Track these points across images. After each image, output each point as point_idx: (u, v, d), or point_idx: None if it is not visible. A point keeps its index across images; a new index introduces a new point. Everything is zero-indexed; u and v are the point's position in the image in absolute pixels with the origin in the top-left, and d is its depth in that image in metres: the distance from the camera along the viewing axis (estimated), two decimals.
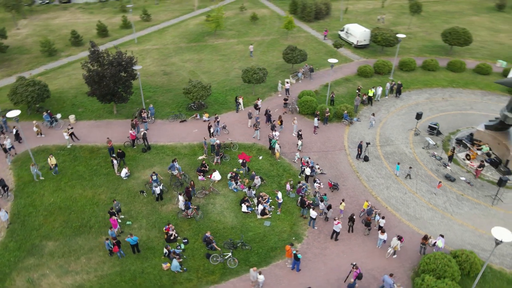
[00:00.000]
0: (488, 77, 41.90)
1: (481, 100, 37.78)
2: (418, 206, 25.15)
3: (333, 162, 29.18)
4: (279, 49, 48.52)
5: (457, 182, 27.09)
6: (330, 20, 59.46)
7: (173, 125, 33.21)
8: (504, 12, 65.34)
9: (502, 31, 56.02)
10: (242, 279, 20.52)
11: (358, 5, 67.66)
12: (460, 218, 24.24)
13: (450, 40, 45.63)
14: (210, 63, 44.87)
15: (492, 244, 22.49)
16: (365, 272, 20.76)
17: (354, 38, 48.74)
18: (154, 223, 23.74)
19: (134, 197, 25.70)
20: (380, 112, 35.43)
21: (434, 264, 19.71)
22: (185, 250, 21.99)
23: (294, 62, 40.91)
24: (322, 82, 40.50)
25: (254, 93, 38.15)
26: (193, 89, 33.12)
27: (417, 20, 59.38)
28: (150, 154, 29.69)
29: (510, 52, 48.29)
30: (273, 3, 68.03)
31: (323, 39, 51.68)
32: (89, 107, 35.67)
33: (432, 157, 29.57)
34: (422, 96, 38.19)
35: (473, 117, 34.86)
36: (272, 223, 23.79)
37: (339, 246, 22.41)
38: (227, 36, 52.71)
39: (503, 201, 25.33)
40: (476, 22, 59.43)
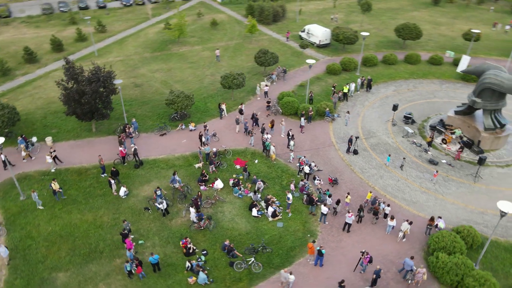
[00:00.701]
0: (441, 67, 45.83)
1: (441, 88, 41.28)
2: (412, 191, 27.11)
3: (326, 158, 30.39)
4: (246, 53, 49.18)
5: (440, 165, 29.54)
6: (287, 22, 61.15)
7: (160, 138, 32.47)
8: (439, 6, 71.46)
9: (442, 24, 61.29)
10: (270, 281, 20.87)
11: (309, 6, 70.22)
12: (451, 198, 26.53)
13: (404, 35, 49.20)
14: (181, 72, 44.28)
15: (483, 217, 25.01)
16: (381, 258, 22.11)
17: (316, 38, 50.70)
18: (167, 239, 23.23)
19: (138, 215, 24.90)
20: (356, 107, 37.38)
21: (443, 242, 21.50)
22: (207, 261, 21.83)
23: (267, 65, 41.72)
24: (295, 83, 41.77)
25: (233, 98, 38.40)
26: (177, 99, 32.63)
27: (366, 18, 63.03)
28: (144, 170, 28.85)
29: (453, 43, 53.04)
30: (228, 8, 68.40)
31: (285, 41, 53.10)
32: (64, 127, 33.72)
33: (412, 145, 31.91)
34: (389, 89, 40.86)
35: (438, 104, 38.02)
36: (285, 224, 24.36)
37: (352, 237, 23.54)
38: (191, 43, 52.22)
39: (482, 178, 28.10)
40: (418, 17, 64.40)
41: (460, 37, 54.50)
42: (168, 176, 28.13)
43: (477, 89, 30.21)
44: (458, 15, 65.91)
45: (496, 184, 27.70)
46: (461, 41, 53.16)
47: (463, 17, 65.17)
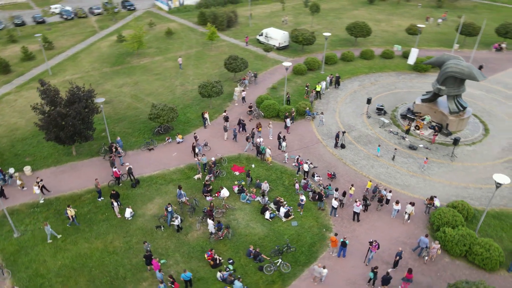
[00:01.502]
0: (393, 60, 49.74)
1: (398, 80, 44.90)
2: (402, 176, 29.43)
3: (318, 155, 31.76)
4: (209, 61, 49.20)
5: (419, 150, 32.34)
6: (241, 27, 62.05)
7: (149, 154, 31.56)
8: (374, 4, 77.09)
9: (381, 21, 66.26)
10: (301, 279, 21.55)
11: (257, 10, 71.78)
12: (436, 178, 29.26)
13: (355, 33, 52.59)
14: (149, 84, 43.12)
15: (467, 191, 27.97)
16: (394, 240, 23.88)
17: (275, 40, 52.24)
18: (189, 254, 22.87)
19: (151, 234, 24.15)
20: (330, 104, 39.36)
21: (446, 218, 23.81)
22: (236, 269, 21.92)
23: (238, 71, 42.22)
24: (267, 86, 42.82)
25: (212, 106, 38.39)
26: (162, 113, 31.92)
27: (314, 18, 66.11)
28: (142, 188, 27.92)
29: (396, 37, 57.72)
30: (177, 16, 67.54)
31: (245, 46, 53.96)
32: (38, 154, 31.39)
33: (390, 133, 34.51)
34: (354, 84, 43.54)
35: (400, 94, 41.35)
36: (299, 222, 25.18)
37: (363, 226, 25.04)
38: (150, 55, 50.92)
39: (457, 157, 31.34)
40: (359, 15, 69.00)
41: (401, 31, 59.63)
42: (169, 191, 27.58)
43: (440, 78, 33.54)
44: (393, 12, 71.70)
45: (469, 160, 31.07)
46: (403, 35, 58.09)
47: (397, 13, 71.01)
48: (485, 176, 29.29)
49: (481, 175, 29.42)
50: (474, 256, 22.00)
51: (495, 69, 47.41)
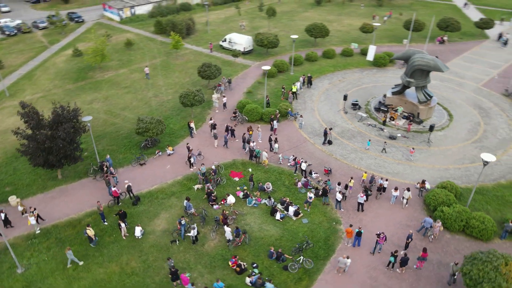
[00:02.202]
0: (353, 57, 52.63)
1: (363, 76, 47.69)
2: (390, 165, 31.54)
3: (308, 153, 32.93)
4: (178, 70, 48.61)
5: (398, 139, 34.78)
6: (199, 34, 61.81)
7: (141, 169, 30.66)
8: (321, 6, 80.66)
9: (332, 21, 69.58)
10: (325, 272, 22.44)
11: (211, 16, 71.77)
12: (420, 163, 31.75)
13: (315, 34, 54.88)
14: (120, 98, 41.65)
15: (449, 172, 30.68)
16: (398, 224, 25.66)
17: (239, 45, 52.87)
18: (211, 264, 22.77)
19: (167, 250, 23.66)
20: (307, 103, 40.83)
21: (440, 198, 26.06)
22: (262, 272, 22.25)
23: (213, 78, 42.24)
24: (242, 90, 43.35)
25: (193, 115, 38.10)
26: (150, 126, 31.16)
27: (269, 22, 67.70)
28: (144, 204, 27.14)
29: (350, 36, 61.05)
30: (131, 26, 65.51)
31: (209, 52, 53.94)
32: (19, 182, 29.21)
33: (369, 126, 36.71)
34: (324, 83, 45.53)
35: (368, 89, 44.00)
36: (308, 219, 26.07)
37: (367, 215, 26.54)
38: (113, 68, 49.06)
39: (432, 142, 34.21)
40: (310, 17, 71.90)
41: (353, 30, 63.24)
42: (173, 204, 27.14)
43: (408, 71, 36.35)
44: (341, 12, 75.60)
45: (443, 144, 34.07)
46: (356, 33, 61.65)
47: (344, 13, 75.00)
48: (460, 157, 32.35)
49: (456, 157, 32.43)
50: (472, 229, 24.38)
51: (441, 60, 52.04)
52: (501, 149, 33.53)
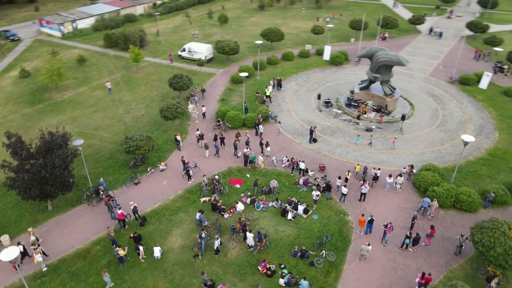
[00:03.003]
0: (310, 58, 55.15)
1: (325, 75, 50.26)
2: (374, 155, 33.92)
3: (297, 153, 34.16)
4: (142, 83, 47.26)
5: (374, 131, 37.45)
6: (153, 45, 60.37)
7: (137, 189, 29.59)
8: (265, 10, 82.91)
9: (279, 25, 71.76)
10: (349, 262, 23.73)
11: (160, 26, 70.29)
12: (399, 150, 34.58)
13: (271, 38, 56.59)
14: (90, 118, 39.50)
15: (425, 155, 33.82)
16: (398, 208, 27.88)
17: (200, 54, 52.76)
18: (240, 273, 22.90)
19: (191, 266, 23.33)
20: (282, 106, 42.13)
21: (429, 180, 28.77)
22: (291, 272, 22.91)
23: (186, 88, 41.78)
24: (215, 99, 43.47)
25: (174, 127, 37.46)
26: (141, 143, 30.17)
27: (220, 29, 68.20)
28: (152, 224, 26.34)
29: (301, 38, 63.75)
30: (76, 41, 61.82)
31: (170, 63, 53.05)
32: (3, 219, 26.76)
33: (345, 122, 39.01)
34: (292, 84, 47.23)
35: (333, 86, 46.48)
36: (318, 215, 27.26)
37: (369, 204, 28.39)
38: (71, 86, 46.19)
39: (404, 130, 37.38)
40: (258, 22, 73.77)
41: (302, 32, 66.20)
42: (182, 219, 26.72)
43: (374, 68, 39.29)
44: (285, 16, 78.44)
45: (413, 131, 37.39)
46: (305, 35, 64.61)
47: (289, 17, 77.96)
48: (431, 141, 35.82)
49: (428, 141, 35.83)
50: (461, 203, 27.33)
51: None
52: (461, 130, 37.70)
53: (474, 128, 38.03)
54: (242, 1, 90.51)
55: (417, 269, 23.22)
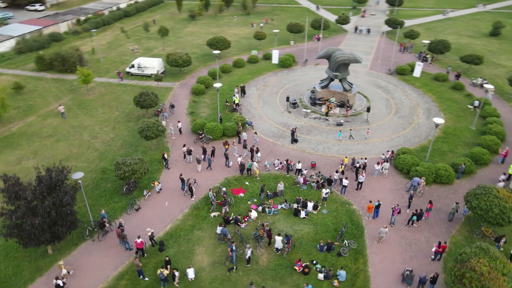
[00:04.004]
0: (260, 63, 56.87)
1: (279, 77, 52.33)
2: (352, 146, 36.71)
3: (283, 154, 35.44)
4: (97, 105, 44.50)
5: (344, 125, 40.39)
6: (92, 63, 56.73)
7: (139, 214, 28.26)
8: (197, 20, 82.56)
9: (217, 33, 72.22)
10: (370, 246, 25.71)
11: (91, 44, 66.10)
12: (371, 139, 37.90)
13: (219, 46, 57.12)
14: (54, 149, 36.20)
15: (395, 140, 37.62)
16: (391, 191, 30.83)
17: (152, 69, 51.24)
18: (278, 277, 23.48)
19: (229, 280, 23.27)
20: (251, 111, 43.06)
21: (410, 162, 32.24)
22: (325, 266, 24.12)
23: (154, 105, 40.44)
24: (183, 112, 42.81)
25: (153, 147, 36.18)
26: (136, 167, 28.79)
27: (157, 42, 66.55)
28: (172, 247, 25.51)
29: (243, 44, 65.23)
30: (3, 67, 55.24)
31: (120, 81, 50.55)
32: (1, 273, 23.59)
33: (315, 119, 41.39)
34: (253, 90, 48.38)
35: (291, 88, 48.71)
36: (326, 209, 28.90)
37: (365, 191, 30.82)
38: (15, 118, 41.57)
39: (369, 120, 40.98)
40: (196, 32, 73.51)
41: (242, 39, 67.78)
42: (201, 237, 26.36)
43: (333, 67, 42.33)
44: (219, 24, 79.14)
45: (376, 121, 41.18)
46: (246, 41, 66.30)
47: (223, 25, 78.86)
48: (394, 128, 39.87)
49: (391, 128, 39.81)
50: (441, 178, 31.20)
51: None
52: (414, 114, 42.58)
53: (423, 111, 43.21)
54: (169, 12, 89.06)
55: (426, 241, 26.15)
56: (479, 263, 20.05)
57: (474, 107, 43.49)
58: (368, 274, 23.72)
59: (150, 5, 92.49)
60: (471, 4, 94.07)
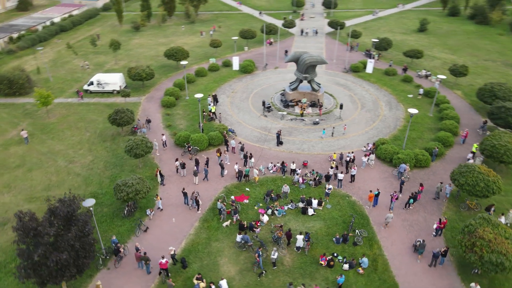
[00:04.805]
0: (222, 71, 57.11)
1: (244, 83, 53.13)
2: (334, 142, 38.82)
3: (273, 157, 36.34)
4: (65, 128, 41.83)
5: (320, 123, 42.45)
6: (41, 84, 52.59)
7: (149, 235, 27.39)
8: (141, 31, 79.92)
9: (167, 43, 70.98)
10: (378, 232, 27.65)
11: (31, 62, 61.11)
12: (349, 134, 40.36)
13: (178, 57, 56.36)
14: (29, 180, 33.39)
15: (368, 132, 40.51)
16: (380, 179, 33.32)
17: (114, 85, 49.17)
18: (306, 273, 24.39)
19: (261, 285, 23.65)
20: (229, 119, 43.36)
21: (390, 151, 35.10)
22: (345, 256, 25.52)
23: (131, 122, 38.97)
24: (159, 126, 41.84)
25: (141, 165, 34.98)
26: (139, 187, 27.75)
27: (106, 56, 63.70)
28: (194, 263, 25.21)
29: (197, 53, 64.83)
30: None
31: (80, 100, 47.69)
32: None
33: (292, 121, 42.95)
34: (223, 97, 48.57)
35: (260, 92, 49.84)
36: (330, 204, 30.42)
37: (359, 183, 32.85)
38: None
39: (342, 116, 43.55)
40: (144, 43, 71.45)
41: (195, 48, 67.54)
42: (220, 248, 26.37)
43: (303, 69, 44.26)
44: (166, 34, 77.41)
45: (348, 116, 43.89)
46: (200, 50, 66.19)
47: (170, 34, 77.37)
48: (365, 121, 42.88)
49: (363, 122, 42.77)
50: (420, 162, 34.42)
51: (278, 55, 63.21)
52: (378, 108, 46.12)
53: (385, 104, 47.00)
54: (109, 25, 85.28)
55: (424, 220, 28.85)
56: (485, 231, 22.85)
57: (420, 95, 48.38)
58: (385, 257, 25.61)
59: (87, 17, 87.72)
60: (393, 4, 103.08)
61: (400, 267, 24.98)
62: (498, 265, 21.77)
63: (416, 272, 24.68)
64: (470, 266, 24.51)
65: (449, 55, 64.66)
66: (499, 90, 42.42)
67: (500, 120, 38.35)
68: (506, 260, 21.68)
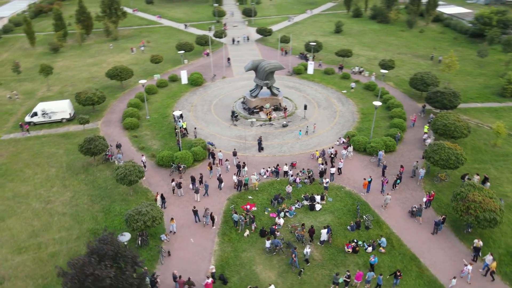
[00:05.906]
0: (171, 86, 55.96)
1: (198, 95, 53.02)
2: (309, 141, 41.42)
3: (259, 162, 37.53)
4: (25, 167, 37.60)
5: (289, 126, 44.72)
6: None
7: (172, 259, 26.52)
8: (62, 52, 73.55)
9: (97, 63, 66.85)
10: (382, 214, 30.78)
11: None
12: (319, 131, 43.34)
13: (123, 76, 53.76)
14: (9, 230, 29.52)
15: (336, 128, 44.12)
16: (361, 167, 36.84)
17: (63, 113, 45.35)
18: (337, 262, 26.32)
19: (304, 283, 24.83)
20: (200, 132, 43.14)
21: (362, 142, 38.95)
22: (364, 240, 28.01)
23: (105, 149, 36.56)
24: (131, 150, 39.96)
25: (132, 192, 33.26)
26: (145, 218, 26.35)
27: (34, 84, 57.85)
28: (232, 277, 25.35)
29: (138, 70, 61.99)
30: None
31: (26, 134, 42.87)
32: None
33: (261, 126, 44.52)
34: (184, 112, 47.87)
35: (219, 101, 50.39)
36: (331, 197, 32.79)
37: (346, 174, 35.75)
38: None
39: (306, 116, 46.47)
40: (71, 66, 66.18)
41: (132, 65, 64.82)
42: (251, 257, 26.97)
43: (263, 76, 46.10)
44: (92, 54, 72.52)
45: (310, 116, 46.95)
46: (140, 67, 63.84)
47: (96, 54, 72.79)
48: (325, 118, 46.46)
49: (325, 119, 46.27)
50: (389, 147, 38.78)
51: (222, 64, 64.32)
52: (332, 105, 50.22)
53: (337, 101, 51.37)
54: (19, 48, 76.84)
55: (412, 196, 32.93)
56: (475, 195, 27.34)
57: (352, 89, 54.04)
58: (396, 235, 28.79)
59: None
60: (302, 10, 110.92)
61: (410, 240, 28.36)
62: (491, 221, 26.32)
63: (424, 241, 28.30)
64: (463, 228, 28.95)
65: (369, 52, 72.56)
66: (428, 78, 49.60)
67: (437, 103, 45.05)
68: (497, 216, 26.33)
